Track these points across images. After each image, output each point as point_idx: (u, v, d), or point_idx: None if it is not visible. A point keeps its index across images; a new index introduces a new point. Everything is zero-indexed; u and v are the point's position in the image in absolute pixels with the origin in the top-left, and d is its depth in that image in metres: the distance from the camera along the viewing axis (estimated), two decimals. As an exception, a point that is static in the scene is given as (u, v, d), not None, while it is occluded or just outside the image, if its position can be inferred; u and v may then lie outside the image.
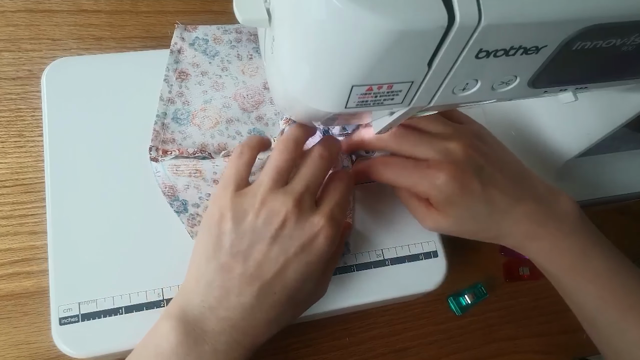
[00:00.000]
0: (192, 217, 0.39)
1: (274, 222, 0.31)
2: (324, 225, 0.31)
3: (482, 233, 0.36)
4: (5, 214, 0.42)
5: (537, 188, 0.36)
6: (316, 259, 0.31)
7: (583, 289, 0.36)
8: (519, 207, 0.35)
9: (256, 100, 0.42)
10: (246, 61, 0.44)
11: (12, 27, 0.48)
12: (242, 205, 0.31)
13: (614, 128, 0.42)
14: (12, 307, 0.40)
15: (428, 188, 0.34)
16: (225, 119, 0.41)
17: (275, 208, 0.31)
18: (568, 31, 0.23)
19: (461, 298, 0.48)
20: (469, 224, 0.35)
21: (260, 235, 0.31)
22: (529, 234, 0.35)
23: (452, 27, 0.21)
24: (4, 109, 0.45)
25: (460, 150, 0.34)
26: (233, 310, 0.30)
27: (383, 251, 0.40)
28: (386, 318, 0.46)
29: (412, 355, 0.46)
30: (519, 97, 0.30)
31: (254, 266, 0.31)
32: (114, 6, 0.51)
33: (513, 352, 0.48)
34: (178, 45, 0.44)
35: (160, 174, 0.39)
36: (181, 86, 0.42)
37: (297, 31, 0.24)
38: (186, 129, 0.41)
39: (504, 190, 0.35)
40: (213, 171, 0.38)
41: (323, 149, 0.34)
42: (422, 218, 0.37)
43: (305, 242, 0.31)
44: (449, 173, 0.33)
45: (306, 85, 0.27)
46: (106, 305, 0.35)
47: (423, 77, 0.25)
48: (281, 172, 0.32)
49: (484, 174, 0.34)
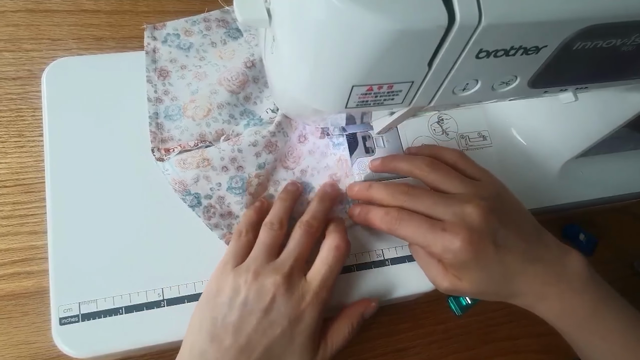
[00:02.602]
0: (207, 209, 0.39)
1: (264, 297, 0.33)
2: (311, 299, 0.34)
3: (496, 294, 0.36)
4: (5, 214, 0.42)
5: (549, 248, 0.36)
6: (303, 332, 0.33)
7: (594, 346, 0.36)
8: (531, 268, 0.35)
9: (241, 81, 0.43)
10: (221, 47, 0.45)
11: (12, 27, 0.48)
12: (237, 280, 0.34)
13: (614, 128, 0.42)
14: (12, 307, 0.40)
15: (442, 251, 0.34)
16: (216, 105, 0.42)
17: (266, 283, 0.33)
18: (568, 31, 0.23)
19: (461, 298, 0.48)
20: (484, 286, 0.35)
21: (251, 309, 0.33)
22: (540, 294, 0.35)
23: (452, 27, 0.21)
24: (4, 109, 0.45)
25: (477, 215, 0.34)
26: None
27: (383, 251, 0.40)
28: (386, 318, 0.46)
29: (412, 355, 0.46)
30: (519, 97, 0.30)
31: (244, 338, 0.32)
32: (114, 6, 0.51)
33: (513, 352, 0.48)
34: (151, 45, 0.44)
35: (169, 172, 0.39)
36: (165, 84, 0.42)
37: (297, 31, 0.24)
38: (181, 123, 0.41)
39: (517, 252, 0.35)
40: (220, 157, 0.39)
41: (309, 225, 0.37)
42: (439, 280, 0.36)
43: (293, 316, 0.33)
44: (464, 239, 0.33)
45: (306, 85, 0.27)
46: (106, 305, 0.35)
47: (423, 77, 0.25)
48: (271, 247, 0.36)
49: (498, 236, 0.34)
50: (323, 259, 0.36)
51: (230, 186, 0.39)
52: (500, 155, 0.39)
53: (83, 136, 0.40)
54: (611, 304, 0.35)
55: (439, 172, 0.37)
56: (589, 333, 0.35)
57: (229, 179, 0.39)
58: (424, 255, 0.37)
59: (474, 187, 0.36)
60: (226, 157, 0.39)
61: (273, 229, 0.37)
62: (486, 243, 0.34)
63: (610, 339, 0.35)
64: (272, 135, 0.41)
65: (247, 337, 0.32)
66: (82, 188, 0.38)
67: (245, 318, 0.33)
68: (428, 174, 0.37)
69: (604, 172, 0.52)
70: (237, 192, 0.39)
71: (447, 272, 0.36)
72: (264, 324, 0.33)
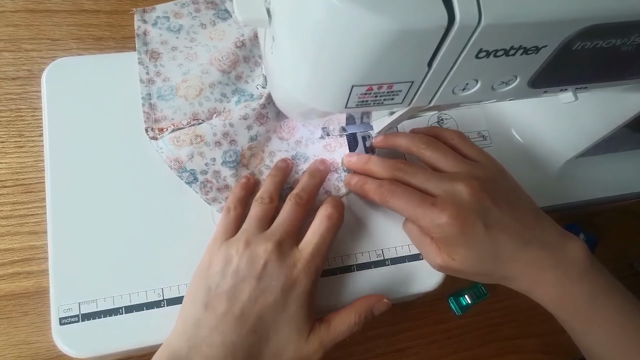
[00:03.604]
0: (204, 184, 0.39)
1: (256, 264, 0.33)
2: (303, 267, 0.34)
3: (489, 275, 0.36)
4: (5, 214, 0.42)
5: (548, 233, 0.36)
6: (295, 300, 0.33)
7: (591, 334, 0.36)
8: (526, 251, 0.35)
9: (231, 60, 0.43)
10: (211, 28, 0.45)
11: (12, 27, 0.48)
12: (229, 251, 0.34)
13: (613, 128, 0.42)
14: (12, 307, 0.40)
15: (430, 226, 0.35)
16: (208, 84, 0.42)
17: (258, 251, 0.33)
18: (568, 31, 0.23)
19: (461, 298, 0.48)
20: (475, 265, 0.35)
21: (243, 276, 0.33)
22: (535, 279, 0.35)
23: (452, 27, 0.21)
24: (4, 109, 0.45)
25: (467, 192, 0.34)
26: (217, 348, 0.31)
27: (383, 251, 0.40)
28: (386, 318, 0.46)
29: (412, 355, 0.46)
30: (519, 97, 0.30)
31: (237, 306, 0.32)
32: (114, 6, 0.51)
33: (513, 352, 0.48)
34: (142, 28, 0.44)
35: (163, 150, 0.39)
36: (156, 65, 0.43)
37: (297, 31, 0.24)
38: (174, 103, 0.41)
39: (510, 233, 0.35)
40: (212, 132, 0.39)
41: (299, 197, 0.37)
42: (432, 258, 0.37)
43: (285, 283, 0.33)
44: (451, 214, 0.34)
45: (306, 85, 0.27)
46: (106, 305, 0.35)
47: (423, 77, 0.25)
48: (262, 220, 0.36)
49: (490, 216, 0.34)
50: (315, 228, 0.36)
51: (225, 160, 0.40)
52: (500, 155, 0.39)
53: (83, 136, 0.40)
54: (611, 294, 0.35)
55: (435, 150, 0.38)
56: (586, 321, 0.35)
57: (223, 153, 0.40)
58: (417, 233, 0.38)
59: (470, 167, 0.37)
60: (218, 132, 0.39)
61: (264, 202, 0.37)
62: (474, 220, 0.34)
63: (608, 328, 0.35)
64: (262, 108, 0.41)
65: (240, 305, 0.32)
66: (82, 188, 0.38)
67: (238, 286, 0.33)
68: (425, 151, 0.38)
69: (604, 172, 0.52)
70: (231, 165, 0.40)
71: (441, 251, 0.36)
72: (257, 291, 0.32)
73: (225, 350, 0.31)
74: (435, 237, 0.36)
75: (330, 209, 0.36)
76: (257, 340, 0.32)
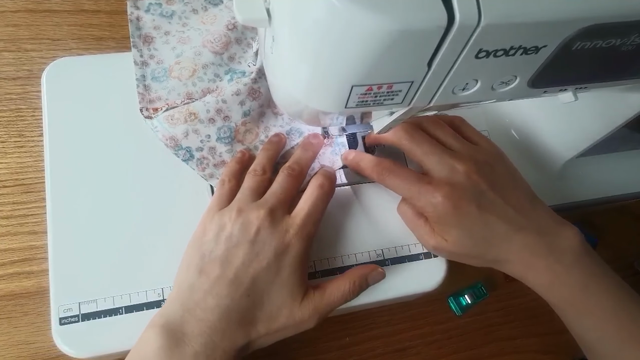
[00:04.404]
0: (200, 161, 0.40)
1: (249, 229, 0.34)
2: (295, 232, 0.34)
3: (481, 257, 0.37)
4: (5, 214, 0.42)
5: (542, 219, 0.36)
6: (288, 265, 0.34)
7: (584, 320, 0.36)
8: (518, 236, 0.35)
9: (224, 42, 0.43)
10: (202, 13, 0.46)
11: (12, 27, 0.48)
12: (222, 219, 0.35)
13: (613, 128, 0.42)
14: (12, 307, 0.40)
15: (425, 204, 0.35)
16: (201, 65, 0.42)
17: (250, 217, 0.34)
18: (568, 31, 0.23)
19: (461, 298, 0.48)
20: (466, 247, 0.36)
21: (237, 241, 0.33)
22: (528, 265, 0.36)
23: (451, 26, 0.21)
24: (4, 109, 0.45)
25: (464, 173, 0.35)
26: (211, 311, 0.32)
27: (383, 251, 0.40)
28: (386, 318, 0.46)
29: (412, 355, 0.46)
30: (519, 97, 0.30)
31: (231, 270, 0.33)
32: (114, 6, 0.51)
33: (513, 352, 0.48)
34: (135, 14, 0.44)
35: (158, 129, 0.39)
36: (150, 49, 0.43)
37: (297, 31, 0.24)
38: (168, 84, 0.41)
39: (504, 217, 0.35)
40: (206, 109, 0.40)
41: (291, 169, 0.38)
42: (426, 239, 0.38)
43: (278, 248, 0.33)
44: (446, 194, 0.34)
45: (306, 85, 0.27)
46: (106, 305, 0.36)
47: (423, 77, 0.25)
48: (255, 190, 0.37)
49: (484, 199, 0.35)
50: (307, 196, 0.37)
51: (219, 136, 0.40)
52: (500, 155, 0.39)
53: (83, 136, 0.40)
54: (604, 281, 0.35)
55: (438, 128, 0.38)
56: (578, 307, 0.36)
57: (217, 129, 0.40)
58: (412, 215, 0.38)
59: (470, 149, 0.38)
60: (211, 109, 0.40)
61: (257, 174, 0.38)
62: (468, 201, 0.35)
63: (600, 315, 0.35)
64: (254, 82, 0.41)
65: (234, 269, 0.33)
66: (82, 188, 0.38)
67: (231, 251, 0.33)
68: (427, 127, 0.38)
69: (604, 172, 0.52)
70: (226, 141, 0.40)
71: (434, 232, 0.37)
72: (250, 255, 0.33)
73: (219, 313, 0.32)
74: (429, 216, 0.36)
75: (322, 179, 0.37)
76: (251, 304, 0.33)
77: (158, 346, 0.31)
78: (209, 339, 0.31)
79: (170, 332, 0.31)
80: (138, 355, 0.32)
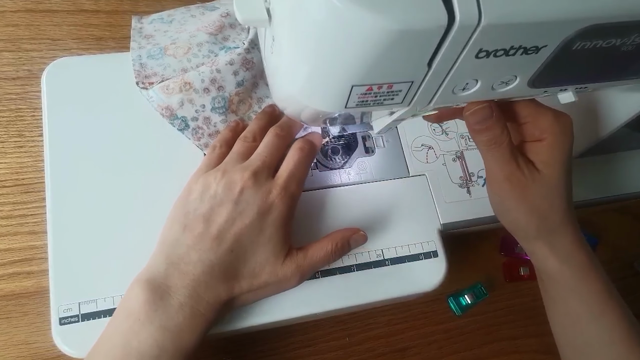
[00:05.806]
0: (195, 131, 0.40)
1: (233, 189, 0.34)
2: (278, 193, 0.35)
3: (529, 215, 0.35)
4: (5, 214, 0.42)
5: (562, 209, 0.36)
6: (271, 224, 0.34)
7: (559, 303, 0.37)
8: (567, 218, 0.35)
9: (218, 26, 0.44)
10: (199, 17, 0.47)
11: (12, 27, 0.48)
12: (207, 179, 0.35)
13: (613, 128, 0.42)
14: (12, 307, 0.40)
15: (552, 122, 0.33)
16: (196, 43, 0.43)
17: (234, 178, 0.35)
18: (568, 31, 0.23)
19: (461, 298, 0.48)
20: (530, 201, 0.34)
21: (221, 200, 0.34)
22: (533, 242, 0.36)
23: (452, 26, 0.21)
24: (4, 109, 0.45)
25: (571, 125, 0.34)
26: (194, 265, 0.33)
27: (383, 251, 0.40)
28: (386, 318, 0.46)
29: (412, 355, 0.46)
30: (519, 97, 0.30)
31: (214, 226, 0.33)
32: (114, 6, 0.51)
33: (513, 352, 0.48)
34: (138, 27, 0.45)
35: (153, 99, 0.40)
36: (149, 42, 0.44)
37: (297, 31, 0.24)
38: (163, 61, 0.42)
39: (565, 196, 0.35)
40: (201, 79, 0.40)
41: (280, 129, 0.38)
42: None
43: (261, 207, 0.34)
44: (568, 122, 0.34)
45: (306, 85, 0.27)
46: (106, 305, 0.35)
47: (423, 77, 0.25)
48: (242, 155, 0.37)
49: (570, 170, 0.35)
50: (288, 159, 0.37)
51: (214, 106, 0.40)
52: (500, 155, 0.39)
53: (83, 136, 0.40)
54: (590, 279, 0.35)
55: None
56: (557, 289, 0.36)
57: (212, 99, 0.40)
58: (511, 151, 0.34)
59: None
60: (206, 79, 0.40)
61: (247, 140, 0.38)
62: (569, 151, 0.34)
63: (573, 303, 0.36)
64: (247, 52, 0.41)
65: (217, 226, 0.33)
66: (82, 188, 0.38)
67: (215, 209, 0.34)
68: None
69: (604, 172, 0.52)
70: (220, 111, 0.41)
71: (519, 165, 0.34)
72: (234, 213, 0.34)
73: (202, 267, 0.33)
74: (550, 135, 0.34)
75: (302, 142, 0.38)
76: (234, 258, 0.34)
77: (144, 300, 0.31)
78: (193, 291, 0.32)
79: (155, 286, 0.32)
80: (125, 311, 0.32)
